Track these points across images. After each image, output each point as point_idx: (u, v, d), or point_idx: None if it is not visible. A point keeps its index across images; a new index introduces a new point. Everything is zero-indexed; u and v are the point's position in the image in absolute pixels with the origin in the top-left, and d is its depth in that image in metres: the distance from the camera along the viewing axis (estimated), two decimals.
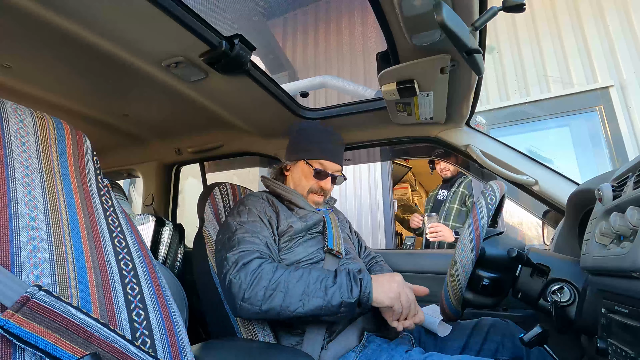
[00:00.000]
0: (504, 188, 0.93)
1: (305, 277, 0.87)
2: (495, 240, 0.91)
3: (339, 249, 1.08)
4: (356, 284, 0.86)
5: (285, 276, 0.87)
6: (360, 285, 0.86)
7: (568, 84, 3.20)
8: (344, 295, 0.84)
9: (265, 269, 0.89)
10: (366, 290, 0.85)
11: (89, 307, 0.51)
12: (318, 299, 0.84)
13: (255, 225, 1.02)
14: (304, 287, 0.85)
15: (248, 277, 0.87)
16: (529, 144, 3.18)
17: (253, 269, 0.88)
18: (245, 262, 0.90)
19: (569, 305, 0.75)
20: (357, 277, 0.87)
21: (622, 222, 0.56)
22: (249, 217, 1.04)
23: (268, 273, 0.88)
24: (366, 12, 4.13)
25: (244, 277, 0.87)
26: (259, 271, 0.88)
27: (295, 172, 1.22)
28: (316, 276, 0.88)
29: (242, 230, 1.00)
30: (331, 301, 0.84)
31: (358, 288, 0.85)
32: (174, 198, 2.04)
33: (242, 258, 0.91)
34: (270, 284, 0.86)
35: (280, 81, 1.31)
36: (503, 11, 0.70)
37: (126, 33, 0.91)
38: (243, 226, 1.01)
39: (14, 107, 0.57)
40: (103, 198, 0.65)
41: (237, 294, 0.87)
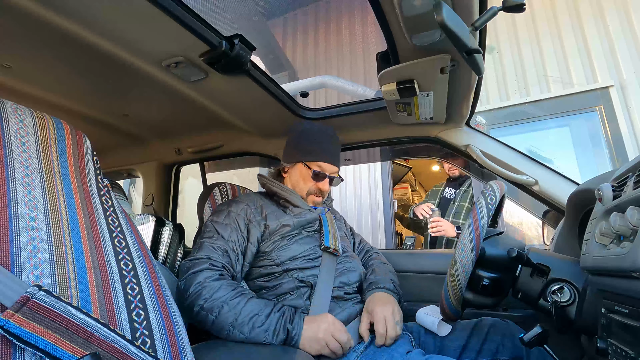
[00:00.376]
0: (504, 188, 0.93)
1: (238, 308, 0.87)
2: (495, 240, 0.91)
3: (335, 247, 1.09)
4: (283, 331, 0.86)
5: (222, 300, 0.88)
6: (288, 334, 0.86)
7: (568, 84, 3.20)
8: (268, 338, 0.85)
9: (207, 286, 0.90)
10: (293, 340, 0.86)
11: (89, 307, 0.51)
12: (241, 334, 0.85)
13: (225, 229, 1.04)
14: (233, 318, 0.86)
15: (191, 288, 0.90)
16: (529, 144, 3.18)
17: (198, 281, 0.91)
18: (194, 271, 0.93)
19: (569, 305, 0.75)
20: (287, 324, 0.87)
21: (622, 222, 0.56)
22: (224, 220, 1.07)
23: (208, 291, 0.89)
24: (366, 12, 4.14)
25: (187, 286, 0.91)
26: (202, 287, 0.90)
27: (293, 174, 1.22)
28: (249, 310, 0.88)
29: (209, 234, 1.04)
30: (255, 338, 0.85)
31: (284, 335, 0.86)
32: (174, 198, 2.04)
33: (193, 267, 0.94)
34: (206, 304, 0.88)
35: (280, 81, 1.31)
36: (503, 11, 0.70)
37: (126, 33, 0.91)
38: (214, 227, 1.05)
39: (14, 107, 0.57)
40: (103, 198, 0.65)
41: (180, 298, 0.92)
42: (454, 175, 2.52)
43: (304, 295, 1.00)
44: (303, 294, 1.00)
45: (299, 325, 0.88)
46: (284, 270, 1.03)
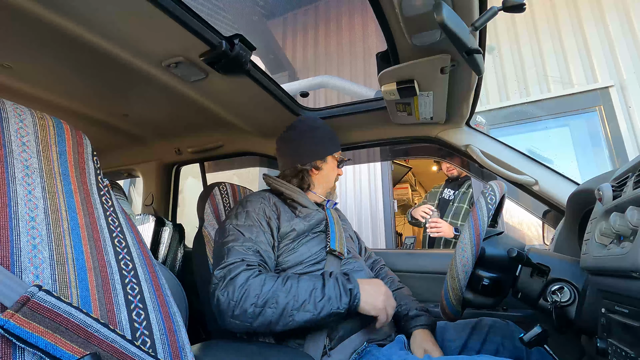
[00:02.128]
0: (504, 188, 0.93)
1: (294, 290, 0.86)
2: (495, 240, 0.91)
3: (341, 249, 1.08)
4: (346, 294, 0.87)
5: (273, 290, 0.85)
6: (350, 296, 0.87)
7: (568, 84, 3.20)
8: (333, 307, 0.85)
9: (252, 283, 0.86)
10: (355, 301, 0.87)
11: (89, 307, 0.51)
12: (307, 312, 0.84)
13: (250, 230, 0.99)
14: (293, 301, 0.84)
15: (236, 293, 0.85)
16: (529, 144, 3.18)
17: (240, 283, 0.86)
18: (232, 276, 0.88)
19: (569, 305, 0.75)
20: (347, 286, 0.88)
21: (622, 222, 0.56)
22: (246, 221, 1.02)
23: (256, 288, 0.85)
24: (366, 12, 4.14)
25: (231, 293, 0.85)
26: (246, 287, 0.85)
27: (326, 168, 1.22)
28: (305, 287, 0.86)
29: (234, 236, 0.98)
30: (320, 313, 0.84)
31: (348, 298, 0.86)
32: (174, 198, 2.04)
33: (230, 273, 0.89)
34: (259, 301, 0.84)
35: (280, 81, 1.31)
36: (503, 11, 0.70)
37: (126, 33, 0.91)
38: (237, 230, 0.99)
39: (14, 107, 0.57)
40: (103, 198, 0.65)
41: (225, 310, 0.85)
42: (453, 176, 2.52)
43: None
44: None
45: (356, 284, 0.89)
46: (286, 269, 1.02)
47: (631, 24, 3.06)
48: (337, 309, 0.85)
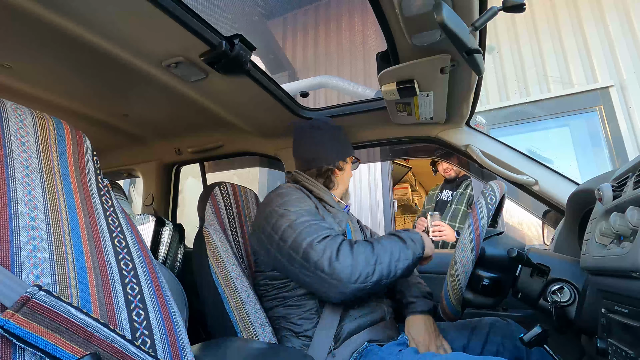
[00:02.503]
0: (504, 188, 0.93)
1: (387, 247, 0.93)
2: (495, 240, 0.91)
3: None
4: (416, 243, 0.97)
5: (373, 251, 0.91)
6: (419, 242, 0.97)
7: (568, 84, 3.20)
8: (417, 251, 0.95)
9: (356, 249, 0.91)
10: (423, 245, 0.98)
11: (89, 307, 0.51)
12: (406, 260, 0.93)
13: (308, 212, 1.00)
14: (390, 255, 0.91)
15: (350, 259, 0.88)
16: (529, 144, 3.18)
17: (348, 250, 0.89)
18: (338, 246, 0.90)
19: (569, 305, 0.75)
20: (414, 236, 0.98)
21: (622, 222, 0.56)
22: (300, 204, 1.02)
23: (361, 252, 0.90)
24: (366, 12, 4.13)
25: (347, 260, 0.88)
26: (354, 252, 0.89)
27: (347, 169, 1.27)
28: (391, 244, 0.95)
29: (300, 215, 0.97)
30: (411, 260, 0.93)
31: (420, 244, 0.97)
32: (174, 198, 2.04)
33: (333, 243, 0.91)
34: (370, 261, 0.89)
35: (280, 81, 1.31)
36: (503, 11, 0.70)
37: (126, 33, 0.91)
38: (296, 211, 0.99)
39: (14, 107, 0.57)
40: (103, 198, 0.65)
41: (348, 277, 0.86)
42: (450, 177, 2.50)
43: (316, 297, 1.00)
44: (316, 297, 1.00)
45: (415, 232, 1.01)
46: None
47: (631, 24, 3.06)
48: (419, 254, 0.96)
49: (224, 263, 1.07)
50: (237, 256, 1.14)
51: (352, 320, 0.98)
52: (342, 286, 0.87)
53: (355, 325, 0.98)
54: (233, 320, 1.02)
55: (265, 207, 1.05)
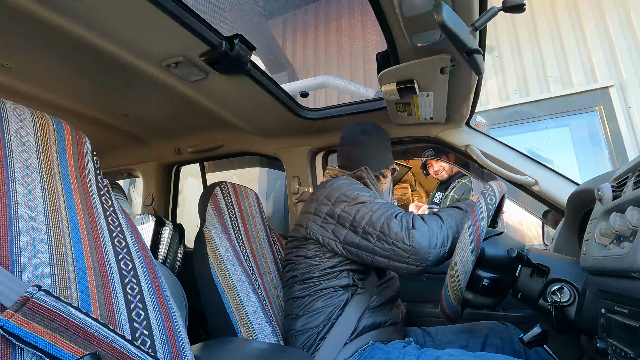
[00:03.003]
0: (503, 188, 0.93)
1: (452, 214, 0.98)
2: (495, 240, 0.91)
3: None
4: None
5: (444, 218, 0.96)
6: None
7: (568, 84, 3.20)
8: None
9: (427, 218, 0.95)
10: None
11: (88, 307, 0.51)
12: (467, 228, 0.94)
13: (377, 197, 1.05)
14: (455, 221, 0.96)
15: (424, 227, 0.91)
16: (529, 144, 3.18)
17: (422, 221, 0.93)
18: (412, 220, 0.93)
19: (569, 306, 0.75)
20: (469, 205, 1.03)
21: (622, 223, 0.56)
22: (368, 192, 1.07)
23: (433, 220, 0.94)
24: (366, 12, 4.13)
25: (422, 228, 0.91)
26: (427, 222, 0.93)
27: (388, 176, 1.28)
28: (454, 212, 1.00)
29: (377, 200, 1.02)
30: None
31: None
32: (174, 198, 2.04)
33: (406, 216, 0.95)
34: (442, 227, 0.93)
35: (280, 81, 1.31)
36: (503, 11, 0.70)
37: (126, 33, 0.91)
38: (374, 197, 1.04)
39: (14, 107, 0.57)
40: (103, 198, 0.65)
41: (428, 244, 0.89)
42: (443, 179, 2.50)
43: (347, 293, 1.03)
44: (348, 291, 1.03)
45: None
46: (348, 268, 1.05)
47: (631, 24, 3.06)
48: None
49: (224, 263, 1.07)
50: (238, 255, 1.14)
51: (369, 317, 1.01)
52: (423, 253, 0.89)
53: (371, 322, 1.01)
54: (233, 320, 1.02)
55: (332, 193, 1.08)
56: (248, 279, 1.09)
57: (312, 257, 1.06)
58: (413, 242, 0.89)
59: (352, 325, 0.98)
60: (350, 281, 1.03)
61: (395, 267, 0.93)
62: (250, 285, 1.08)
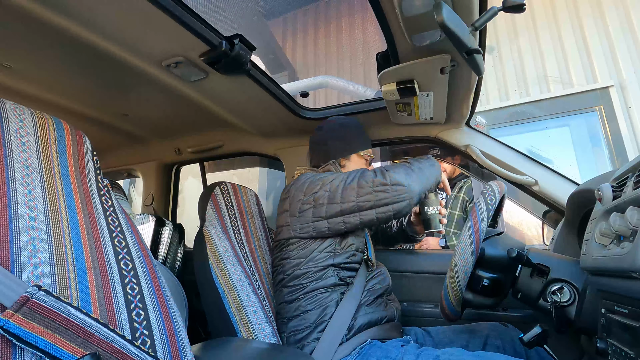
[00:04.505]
0: (503, 188, 0.93)
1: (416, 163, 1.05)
2: (495, 240, 0.91)
3: (374, 260, 1.14)
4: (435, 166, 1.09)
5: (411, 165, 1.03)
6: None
7: (568, 84, 3.20)
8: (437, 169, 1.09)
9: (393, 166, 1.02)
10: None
11: (88, 307, 0.51)
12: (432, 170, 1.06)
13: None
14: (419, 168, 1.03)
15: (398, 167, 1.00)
16: (529, 144, 3.17)
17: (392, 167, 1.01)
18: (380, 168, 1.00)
19: (569, 306, 0.75)
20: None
21: (621, 223, 0.56)
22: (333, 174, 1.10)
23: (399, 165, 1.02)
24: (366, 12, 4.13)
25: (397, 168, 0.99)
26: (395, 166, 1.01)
27: (350, 166, 1.24)
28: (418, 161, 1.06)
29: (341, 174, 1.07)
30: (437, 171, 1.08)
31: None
32: (174, 198, 2.04)
33: (375, 169, 1.02)
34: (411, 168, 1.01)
35: (280, 81, 1.31)
36: (503, 11, 0.70)
37: (126, 33, 0.91)
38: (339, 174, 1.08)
39: (14, 107, 0.57)
40: (103, 198, 0.65)
41: (406, 177, 0.97)
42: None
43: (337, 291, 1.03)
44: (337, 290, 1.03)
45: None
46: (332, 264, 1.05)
47: (631, 24, 3.06)
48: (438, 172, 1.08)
49: (224, 263, 1.07)
50: (238, 256, 1.14)
51: (364, 314, 1.01)
52: (405, 185, 0.95)
53: (367, 319, 1.00)
54: (233, 320, 1.02)
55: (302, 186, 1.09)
56: (248, 279, 1.09)
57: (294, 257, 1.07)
58: (391, 178, 0.95)
59: (345, 324, 0.97)
60: (337, 280, 1.03)
61: (383, 215, 0.96)
62: (250, 285, 1.08)
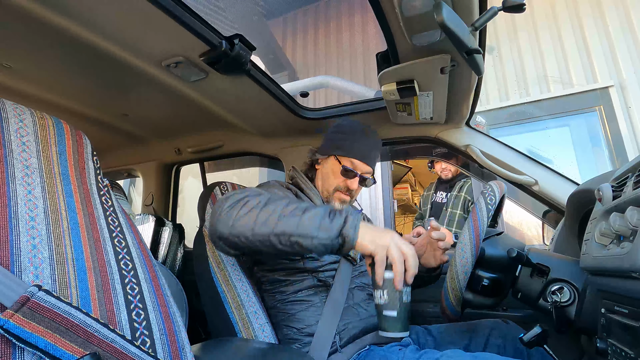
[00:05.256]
0: (503, 188, 0.93)
1: (286, 201, 0.78)
2: (495, 240, 0.91)
3: (354, 255, 1.09)
4: (340, 216, 0.74)
5: (269, 197, 0.80)
6: (345, 221, 0.73)
7: (568, 84, 3.20)
8: (324, 224, 0.72)
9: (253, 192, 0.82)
10: (351, 228, 0.72)
11: (88, 307, 0.51)
12: (291, 224, 0.73)
13: (273, 192, 0.99)
14: (282, 207, 0.76)
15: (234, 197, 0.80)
16: (529, 144, 3.18)
17: (241, 197, 0.81)
18: (238, 192, 0.83)
19: (569, 306, 0.75)
20: (343, 214, 0.76)
21: (621, 223, 0.56)
22: (269, 189, 1.04)
23: (255, 195, 0.81)
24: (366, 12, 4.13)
25: (228, 197, 0.81)
26: (247, 194, 0.81)
27: (325, 167, 1.18)
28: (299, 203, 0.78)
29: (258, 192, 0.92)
30: (304, 226, 0.72)
31: (342, 220, 0.73)
32: (174, 198, 2.04)
33: (238, 193, 0.83)
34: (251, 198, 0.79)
35: (280, 81, 1.31)
36: (503, 11, 0.70)
37: (126, 33, 0.91)
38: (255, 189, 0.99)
39: (14, 107, 0.57)
40: (103, 198, 0.65)
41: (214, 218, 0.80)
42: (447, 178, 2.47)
43: (320, 293, 1.00)
44: (319, 292, 1.01)
45: (357, 217, 0.74)
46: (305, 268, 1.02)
47: (631, 24, 3.06)
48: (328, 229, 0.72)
49: (224, 263, 1.07)
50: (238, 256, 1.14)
51: (360, 319, 0.98)
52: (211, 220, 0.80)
53: (363, 325, 0.98)
54: (233, 320, 1.02)
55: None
56: (248, 279, 1.09)
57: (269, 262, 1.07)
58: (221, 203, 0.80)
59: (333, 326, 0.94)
60: (315, 282, 1.01)
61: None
62: (250, 285, 1.08)
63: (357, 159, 1.12)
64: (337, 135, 1.17)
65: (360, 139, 1.14)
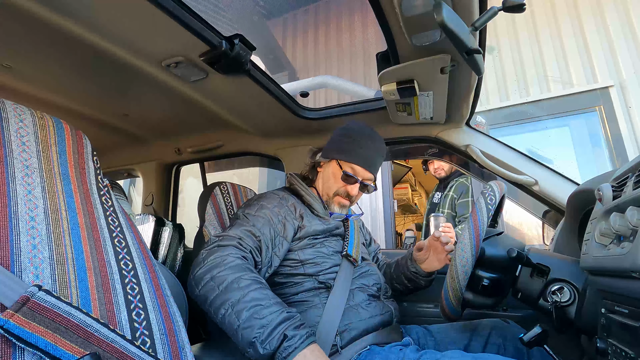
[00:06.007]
0: (503, 188, 0.93)
1: (247, 290, 0.79)
2: (495, 240, 0.91)
3: (356, 256, 1.09)
4: (278, 340, 0.72)
5: (236, 276, 0.81)
6: (282, 341, 0.72)
7: (568, 84, 3.21)
8: (259, 337, 0.73)
9: (228, 261, 0.84)
10: (284, 354, 0.71)
11: (88, 307, 0.51)
12: (237, 321, 0.75)
13: (257, 220, 1.00)
14: (237, 298, 0.77)
15: (211, 257, 0.85)
16: (529, 144, 3.18)
17: (221, 255, 0.86)
18: (222, 244, 0.89)
19: (569, 306, 0.75)
20: (290, 330, 0.74)
21: (622, 222, 0.56)
22: (257, 212, 1.03)
23: (227, 265, 0.83)
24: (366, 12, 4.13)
25: (208, 255, 0.86)
26: (221, 260, 0.84)
27: (326, 170, 1.18)
28: (256, 296, 0.78)
29: (243, 221, 1.00)
30: (246, 331, 0.74)
31: (277, 344, 0.72)
32: (174, 198, 2.04)
33: (222, 240, 0.91)
34: (219, 274, 0.81)
35: (280, 81, 1.31)
36: (503, 11, 0.70)
37: (126, 33, 0.91)
38: (247, 217, 1.02)
39: (14, 107, 0.57)
40: (103, 198, 0.65)
41: (193, 267, 0.86)
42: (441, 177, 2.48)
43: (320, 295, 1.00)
44: (320, 294, 1.00)
45: (302, 339, 0.73)
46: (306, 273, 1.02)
47: (631, 24, 3.06)
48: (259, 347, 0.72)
49: None
50: None
51: (361, 320, 0.97)
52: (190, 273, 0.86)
53: (364, 326, 0.97)
54: None
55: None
56: None
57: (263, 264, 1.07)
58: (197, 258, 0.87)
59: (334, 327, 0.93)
60: (316, 283, 1.00)
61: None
62: None
63: (359, 166, 1.12)
64: (342, 138, 1.17)
65: (365, 145, 1.14)
